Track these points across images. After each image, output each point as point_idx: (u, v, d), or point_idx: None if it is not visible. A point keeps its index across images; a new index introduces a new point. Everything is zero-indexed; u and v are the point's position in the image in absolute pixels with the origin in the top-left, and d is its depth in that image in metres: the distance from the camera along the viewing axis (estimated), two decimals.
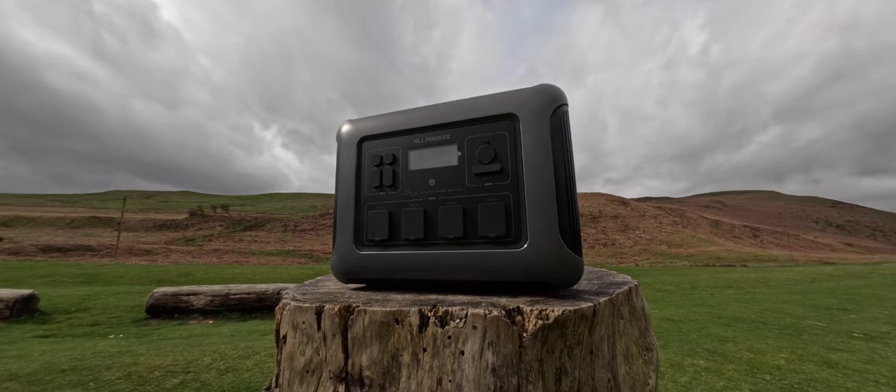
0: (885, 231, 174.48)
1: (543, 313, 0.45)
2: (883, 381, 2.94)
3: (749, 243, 79.83)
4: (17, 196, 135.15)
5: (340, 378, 0.51)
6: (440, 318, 0.47)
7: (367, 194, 0.63)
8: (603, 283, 0.66)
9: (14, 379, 2.78)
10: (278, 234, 67.61)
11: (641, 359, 0.58)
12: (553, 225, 0.51)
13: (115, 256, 28.81)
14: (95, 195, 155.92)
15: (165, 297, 6.18)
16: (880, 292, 8.55)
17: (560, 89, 0.57)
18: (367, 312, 0.50)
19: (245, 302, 6.47)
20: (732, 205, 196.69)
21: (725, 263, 34.11)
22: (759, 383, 2.91)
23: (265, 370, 3.02)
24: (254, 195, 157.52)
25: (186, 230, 69.27)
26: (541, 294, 0.55)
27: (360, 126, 0.67)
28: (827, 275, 13.18)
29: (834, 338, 4.38)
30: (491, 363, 0.44)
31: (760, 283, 11.14)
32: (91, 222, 67.60)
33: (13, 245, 32.80)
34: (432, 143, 0.61)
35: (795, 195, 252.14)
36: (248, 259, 33.76)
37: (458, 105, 0.61)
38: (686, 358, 3.52)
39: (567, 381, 0.46)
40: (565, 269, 0.51)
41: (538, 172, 0.53)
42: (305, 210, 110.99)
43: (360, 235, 0.62)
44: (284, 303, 0.57)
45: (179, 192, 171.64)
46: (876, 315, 5.79)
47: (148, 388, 2.66)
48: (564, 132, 0.55)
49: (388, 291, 0.62)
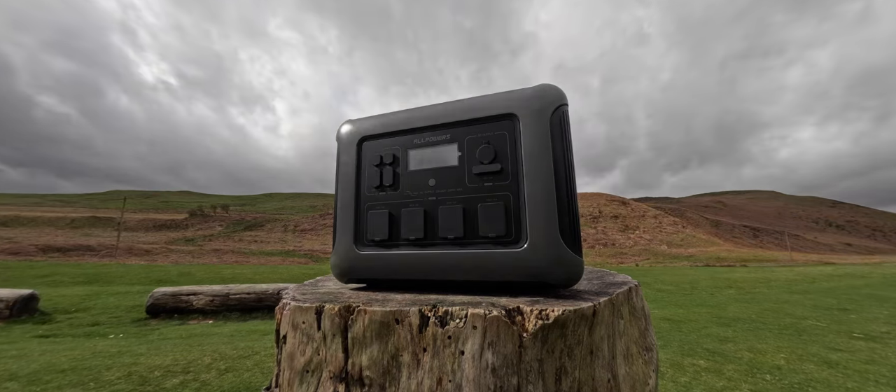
0: (885, 231, 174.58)
1: (543, 313, 0.45)
2: (883, 381, 2.94)
3: (749, 243, 79.85)
4: (17, 196, 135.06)
5: (340, 378, 0.51)
6: (440, 318, 0.47)
7: (367, 194, 0.63)
8: (603, 283, 0.66)
9: (14, 379, 2.78)
10: (278, 234, 67.59)
11: (641, 359, 0.58)
12: (553, 225, 0.51)
13: (115, 256, 28.81)
14: (95, 195, 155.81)
15: (165, 297, 6.18)
16: (880, 292, 8.55)
17: (560, 89, 0.57)
18: (367, 312, 0.50)
19: (245, 302, 6.47)
20: (732, 205, 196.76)
21: (725, 263, 34.11)
22: (759, 383, 2.91)
23: (265, 370, 3.02)
24: (254, 195, 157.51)
25: (186, 230, 69.28)
26: (541, 294, 0.55)
27: (360, 126, 0.67)
28: (827, 275, 13.19)
29: (834, 338, 4.38)
30: (491, 363, 0.44)
31: (760, 283, 11.14)
32: (91, 222, 67.60)
33: (13, 245, 32.80)
34: (432, 143, 0.61)
35: (795, 195, 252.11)
36: (248, 259, 33.77)
37: (458, 105, 0.61)
38: (686, 358, 3.52)
39: (567, 381, 0.46)
40: (565, 269, 0.51)
41: (538, 172, 0.53)
42: (305, 210, 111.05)
43: (360, 235, 0.62)
44: (284, 303, 0.57)
45: (179, 192, 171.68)
46: (876, 315, 5.79)
47: (148, 388, 2.66)
48: (564, 132, 0.55)
49: (388, 291, 0.62)
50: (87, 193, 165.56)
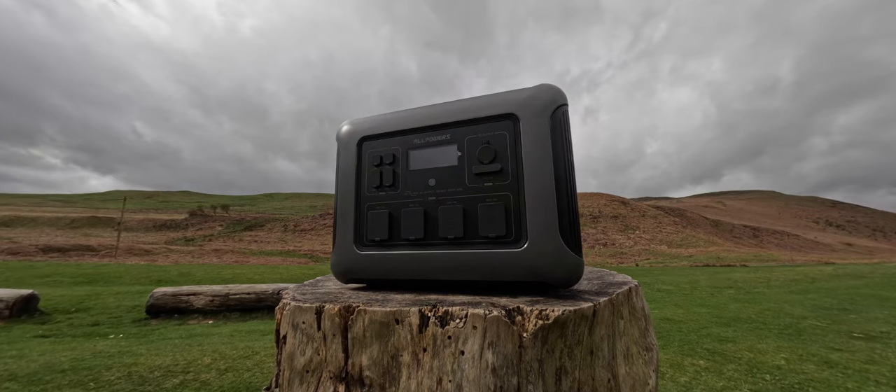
0: (885, 231, 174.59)
1: (543, 313, 0.45)
2: (883, 381, 2.94)
3: (749, 243, 79.87)
4: (17, 196, 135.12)
5: (340, 378, 0.51)
6: (440, 318, 0.47)
7: (367, 194, 0.63)
8: (603, 283, 0.66)
9: (14, 379, 2.78)
10: (278, 234, 67.61)
11: (641, 359, 0.58)
12: (553, 225, 0.51)
13: (115, 256, 28.81)
14: (95, 195, 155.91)
15: (165, 297, 6.18)
16: (880, 292, 8.55)
17: (560, 89, 0.57)
18: (367, 312, 0.50)
19: (245, 302, 6.47)
20: (732, 205, 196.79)
21: (725, 263, 34.12)
22: (759, 383, 2.91)
23: (265, 370, 3.02)
24: (254, 195, 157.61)
25: (186, 230, 69.29)
26: (541, 294, 0.55)
27: (360, 126, 0.67)
28: (827, 275, 13.18)
29: (834, 338, 4.38)
30: (491, 363, 0.44)
31: (760, 283, 11.14)
32: (91, 222, 67.61)
33: (13, 245, 32.80)
34: (432, 143, 0.61)
35: (795, 195, 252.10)
36: (248, 259, 33.77)
37: (458, 105, 0.61)
38: (686, 358, 3.52)
39: (567, 381, 0.46)
40: (565, 269, 0.51)
41: (538, 172, 0.53)
42: (305, 210, 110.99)
43: (360, 235, 0.62)
44: (284, 303, 0.57)
45: (179, 192, 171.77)
46: (876, 315, 5.78)
47: (148, 387, 2.66)
48: (564, 132, 0.55)
49: (389, 291, 0.62)
50: (87, 193, 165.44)
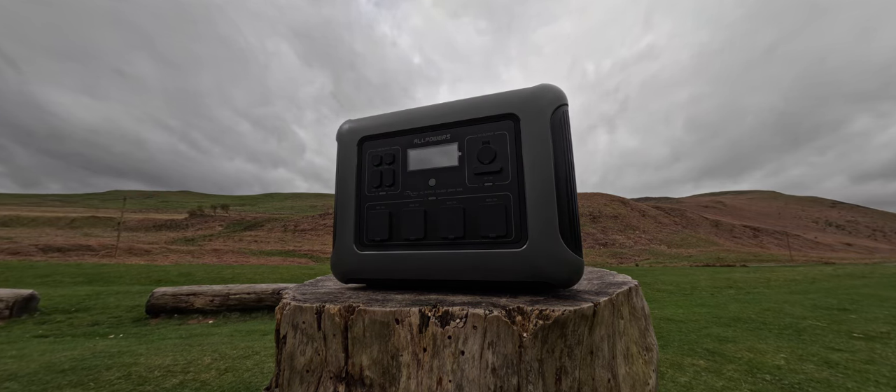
0: (885, 231, 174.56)
1: (544, 313, 0.45)
2: (883, 382, 2.93)
3: (749, 243, 79.84)
4: (17, 196, 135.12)
5: (340, 378, 0.51)
6: (440, 318, 0.47)
7: (367, 194, 0.63)
8: (603, 283, 0.66)
9: (14, 379, 2.78)
10: (278, 234, 67.59)
11: (641, 359, 0.58)
12: (553, 225, 0.51)
13: (115, 256, 28.81)
14: (95, 195, 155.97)
15: (165, 297, 6.18)
16: (880, 292, 8.55)
17: (560, 89, 0.57)
18: (368, 312, 0.50)
19: (245, 302, 6.47)
20: (732, 205, 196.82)
21: (725, 263, 34.12)
22: (759, 383, 2.90)
23: (265, 370, 3.02)
24: (254, 195, 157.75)
25: (186, 230, 69.28)
26: (541, 294, 0.55)
27: (360, 126, 0.67)
28: (827, 275, 13.18)
29: (834, 338, 4.38)
30: (491, 363, 0.44)
31: (760, 283, 11.14)
32: (91, 222, 67.60)
33: (13, 245, 32.79)
34: (432, 143, 0.61)
35: (795, 195, 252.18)
36: (247, 259, 33.77)
37: (459, 105, 0.61)
38: (686, 358, 3.52)
39: (567, 381, 0.46)
40: (565, 269, 0.51)
41: (538, 172, 0.53)
42: (305, 210, 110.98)
43: (360, 235, 0.62)
44: (284, 303, 0.57)
45: (179, 192, 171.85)
46: (876, 315, 5.78)
47: (148, 387, 2.66)
48: (565, 132, 0.55)
49: (389, 291, 0.62)
50: (87, 193, 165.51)
